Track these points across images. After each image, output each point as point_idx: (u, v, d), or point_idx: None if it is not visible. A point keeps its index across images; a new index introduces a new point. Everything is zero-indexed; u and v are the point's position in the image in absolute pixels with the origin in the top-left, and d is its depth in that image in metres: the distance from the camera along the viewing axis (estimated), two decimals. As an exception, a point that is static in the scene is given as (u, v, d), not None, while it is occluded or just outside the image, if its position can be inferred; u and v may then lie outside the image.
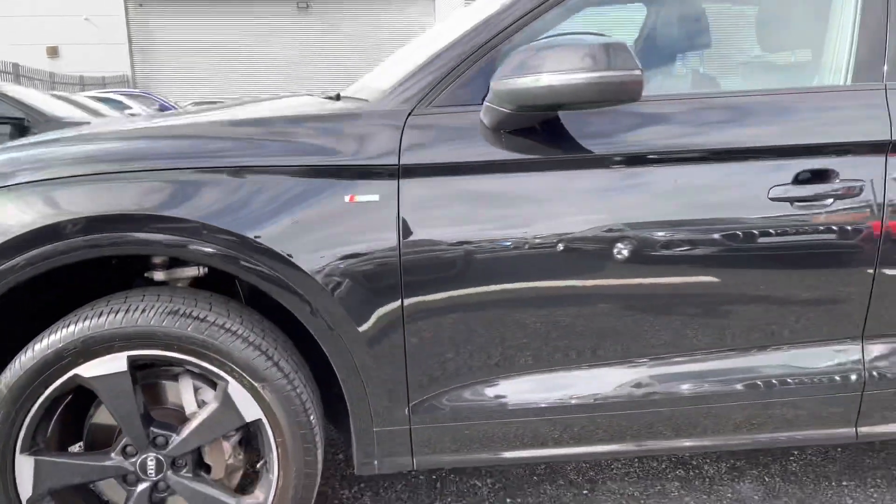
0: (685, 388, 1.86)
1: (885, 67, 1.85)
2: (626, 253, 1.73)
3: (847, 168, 1.78)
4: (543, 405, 1.81)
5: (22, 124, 7.60)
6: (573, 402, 1.81)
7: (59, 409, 1.73)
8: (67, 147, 1.82)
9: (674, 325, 1.81)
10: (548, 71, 1.56)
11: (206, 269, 1.80)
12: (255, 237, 1.62)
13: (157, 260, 1.80)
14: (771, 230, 1.78)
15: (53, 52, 26.57)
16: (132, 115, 10.04)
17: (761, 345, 1.86)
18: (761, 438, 1.92)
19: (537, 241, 1.71)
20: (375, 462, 1.81)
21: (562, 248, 1.71)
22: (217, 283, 1.85)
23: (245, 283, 1.81)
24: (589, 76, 1.54)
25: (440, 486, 2.34)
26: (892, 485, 2.33)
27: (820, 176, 1.78)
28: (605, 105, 1.63)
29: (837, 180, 1.77)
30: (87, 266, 1.75)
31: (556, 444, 1.86)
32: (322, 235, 1.66)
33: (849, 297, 1.84)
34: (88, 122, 5.33)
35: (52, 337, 1.62)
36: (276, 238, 1.63)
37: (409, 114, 1.73)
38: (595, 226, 1.73)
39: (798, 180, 1.76)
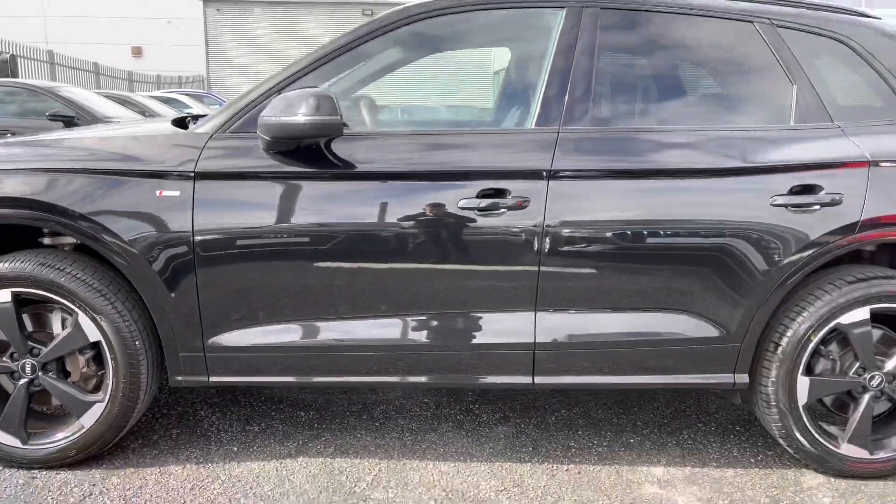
0: (413, 337, 2.58)
1: (563, 117, 2.55)
2: (346, 241, 2.48)
3: (518, 188, 2.48)
4: (291, 345, 2.56)
5: (73, 122, 8.73)
6: (318, 342, 2.57)
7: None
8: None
9: (399, 294, 2.54)
10: (281, 114, 2.34)
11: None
12: (92, 216, 2.44)
13: (45, 230, 2.65)
14: (461, 232, 2.50)
15: (138, 52, 28.58)
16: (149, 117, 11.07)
17: (463, 310, 2.57)
18: (457, 379, 2.64)
19: (286, 228, 2.49)
20: (180, 378, 2.61)
21: (301, 233, 2.48)
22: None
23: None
24: (304, 118, 2.32)
25: (273, 413, 3.13)
26: (616, 437, 3.00)
27: (497, 193, 2.48)
28: (319, 138, 2.40)
29: (510, 196, 2.48)
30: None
31: (305, 374, 2.62)
32: (140, 218, 2.46)
33: (522, 279, 2.53)
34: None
35: (-35, 277, 2.49)
36: (107, 217, 2.45)
37: (210, 137, 2.53)
38: (325, 219, 2.49)
39: (479, 195, 2.48)
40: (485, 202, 2.47)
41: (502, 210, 2.48)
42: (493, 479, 2.65)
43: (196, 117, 3.13)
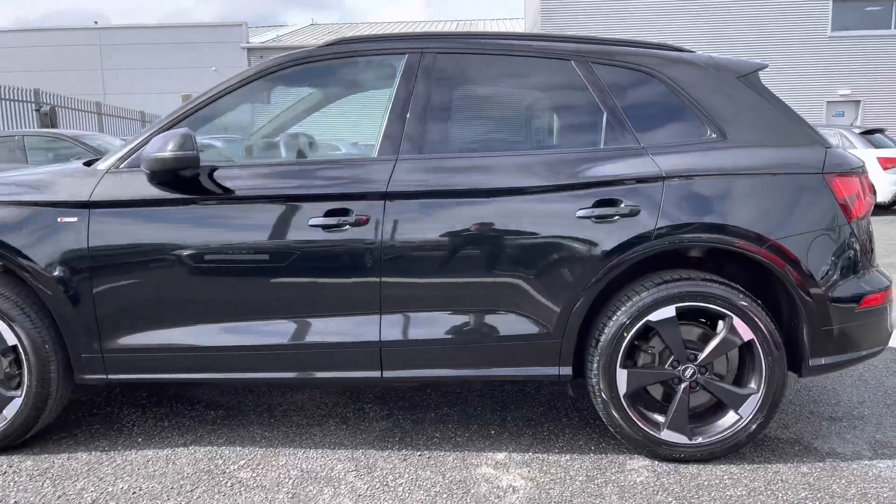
0: (274, 340, 2.99)
1: (401, 148, 2.97)
2: (212, 255, 2.93)
3: (359, 207, 2.90)
4: (174, 347, 3.00)
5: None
6: (194, 344, 3.00)
7: None
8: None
9: (270, 299, 2.96)
10: (156, 151, 2.82)
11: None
12: (7, 243, 2.95)
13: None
14: (311, 246, 2.92)
15: (187, 99, 30.13)
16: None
17: (316, 314, 2.98)
18: (317, 376, 3.03)
19: (165, 244, 2.95)
20: (84, 375, 3.07)
21: (178, 249, 2.94)
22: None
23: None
24: (168, 154, 2.79)
25: (187, 412, 3.58)
26: (480, 430, 3.34)
27: (341, 212, 2.91)
28: (182, 170, 2.87)
29: (353, 215, 2.90)
30: None
31: (187, 372, 3.05)
32: (46, 242, 2.96)
33: (367, 286, 2.93)
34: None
35: None
36: (22, 244, 2.95)
37: (106, 172, 3.03)
38: (196, 238, 2.94)
39: (328, 214, 2.90)
40: (332, 220, 2.90)
41: (346, 227, 2.90)
42: (350, 462, 3.03)
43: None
